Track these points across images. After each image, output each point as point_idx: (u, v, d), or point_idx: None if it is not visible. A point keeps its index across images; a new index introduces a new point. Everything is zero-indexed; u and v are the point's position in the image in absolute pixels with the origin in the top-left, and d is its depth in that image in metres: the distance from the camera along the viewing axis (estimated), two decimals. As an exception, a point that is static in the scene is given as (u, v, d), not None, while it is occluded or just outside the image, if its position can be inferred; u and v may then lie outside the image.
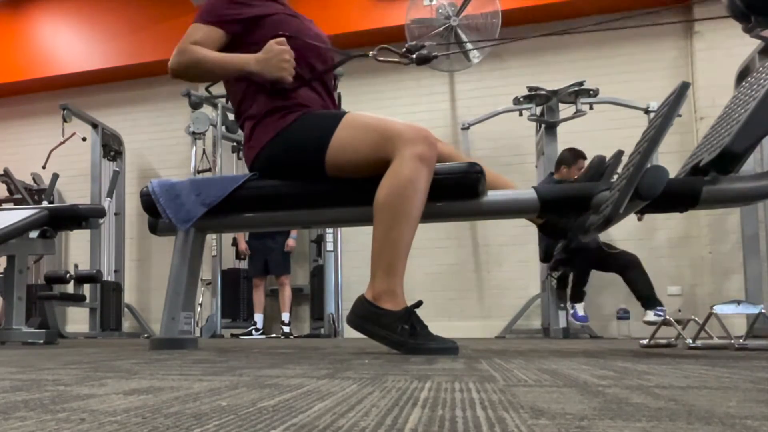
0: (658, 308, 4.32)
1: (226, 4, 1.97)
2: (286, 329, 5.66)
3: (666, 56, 5.78)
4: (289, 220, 2.16)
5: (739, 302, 1.99)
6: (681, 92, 1.53)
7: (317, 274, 5.86)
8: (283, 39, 1.90)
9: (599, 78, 5.47)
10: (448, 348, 1.66)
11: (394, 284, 1.70)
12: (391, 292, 1.69)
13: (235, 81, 2.04)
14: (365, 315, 1.71)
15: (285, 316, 5.70)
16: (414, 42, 2.06)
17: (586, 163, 3.99)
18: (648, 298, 4.40)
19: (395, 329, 1.65)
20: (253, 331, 5.69)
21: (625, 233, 5.25)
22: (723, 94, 4.42)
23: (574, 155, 4.71)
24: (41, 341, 2.94)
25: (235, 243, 6.10)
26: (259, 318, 5.76)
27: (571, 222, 1.93)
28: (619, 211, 1.54)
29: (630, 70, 5.78)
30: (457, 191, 1.88)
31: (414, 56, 2.02)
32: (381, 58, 2.06)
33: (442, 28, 5.28)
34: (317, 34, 2.07)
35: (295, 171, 1.96)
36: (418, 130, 1.76)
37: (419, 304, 1.72)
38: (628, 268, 4.56)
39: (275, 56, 1.87)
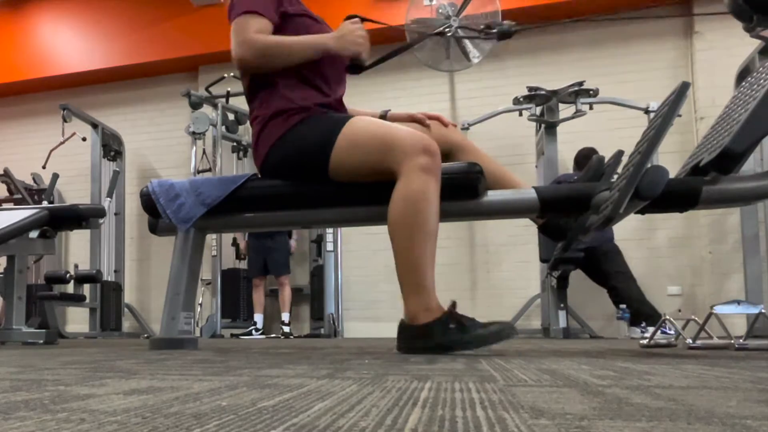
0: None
1: None
2: (286, 329, 5.66)
3: (666, 56, 5.78)
4: (289, 220, 2.16)
5: (739, 302, 1.98)
6: (681, 92, 1.53)
7: (317, 274, 5.86)
8: (356, 19, 1.93)
9: (599, 78, 5.47)
10: (502, 330, 1.64)
11: (426, 300, 1.69)
12: (425, 307, 1.68)
13: (249, 81, 2.01)
14: (411, 336, 1.70)
15: (285, 316, 5.70)
16: (491, 20, 2.04)
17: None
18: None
19: (444, 333, 1.64)
20: (253, 331, 5.69)
21: (625, 233, 5.25)
22: (723, 94, 4.42)
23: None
24: (41, 341, 2.93)
25: (235, 243, 6.10)
26: (259, 318, 5.76)
27: (571, 222, 1.93)
28: (619, 211, 1.54)
29: (630, 70, 5.78)
30: (457, 191, 1.88)
31: (494, 31, 1.98)
32: (461, 34, 2.06)
33: (442, 28, 5.27)
34: None
35: (299, 174, 1.95)
36: (418, 140, 1.73)
37: (454, 304, 1.71)
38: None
39: (350, 33, 1.90)
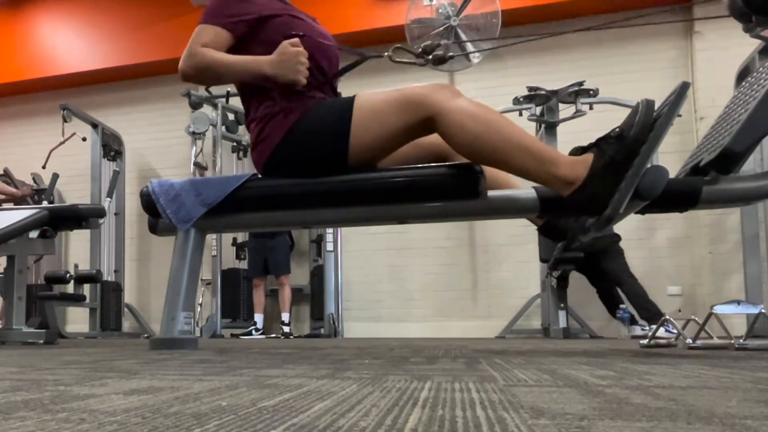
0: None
1: (232, 3, 1.93)
2: (286, 329, 5.66)
3: (666, 56, 5.78)
4: (289, 220, 2.17)
5: (739, 302, 1.98)
6: (681, 92, 1.53)
7: (317, 274, 5.86)
8: (296, 40, 1.85)
9: (599, 78, 5.46)
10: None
11: (565, 158, 1.66)
12: (572, 163, 1.65)
13: (241, 84, 2.00)
14: (589, 199, 1.61)
15: (285, 316, 5.70)
16: (429, 42, 2.00)
17: None
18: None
19: (615, 176, 1.57)
20: (253, 331, 5.69)
21: (625, 233, 5.25)
22: (723, 94, 4.41)
23: None
24: (41, 341, 2.93)
25: (235, 243, 6.10)
26: (259, 318, 5.76)
27: (571, 222, 1.93)
28: (619, 211, 1.54)
29: (630, 70, 5.78)
30: (457, 191, 1.88)
31: (430, 57, 1.98)
32: (396, 59, 2.01)
33: (442, 28, 5.28)
34: (322, 32, 2.03)
35: (315, 164, 1.89)
36: (428, 85, 1.77)
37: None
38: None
39: (289, 59, 1.82)
